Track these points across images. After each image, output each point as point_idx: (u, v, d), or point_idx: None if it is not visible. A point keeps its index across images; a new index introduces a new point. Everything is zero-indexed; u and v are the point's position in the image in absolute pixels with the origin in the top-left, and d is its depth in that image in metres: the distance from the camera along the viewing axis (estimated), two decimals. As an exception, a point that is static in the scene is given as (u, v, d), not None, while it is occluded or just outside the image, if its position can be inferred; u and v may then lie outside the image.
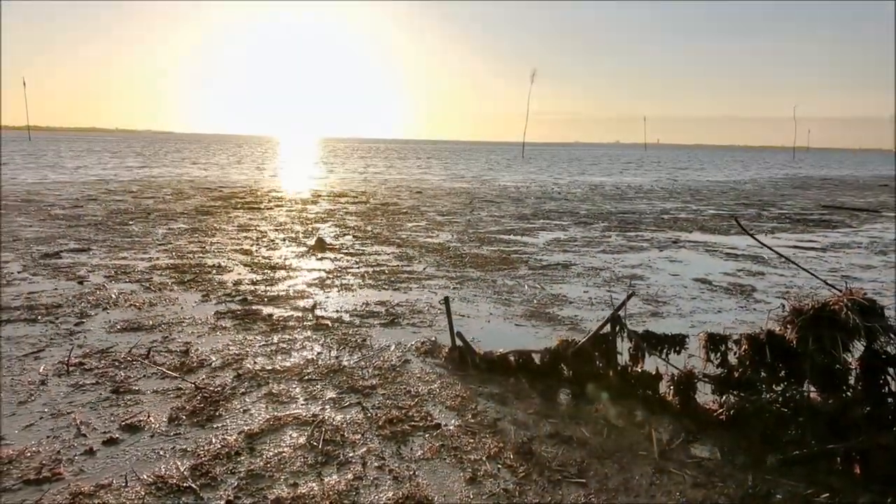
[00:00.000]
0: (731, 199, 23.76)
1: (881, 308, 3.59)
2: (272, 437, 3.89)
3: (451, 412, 4.28)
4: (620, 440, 3.97)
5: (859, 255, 11.45)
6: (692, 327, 6.44)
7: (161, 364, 5.08)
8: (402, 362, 5.20)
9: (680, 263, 10.23)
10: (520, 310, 7.08)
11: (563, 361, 4.69)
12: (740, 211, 19.67)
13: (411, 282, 8.40)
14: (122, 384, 4.70)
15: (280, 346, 5.63)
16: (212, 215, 14.84)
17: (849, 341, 3.58)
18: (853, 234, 14.55)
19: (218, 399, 4.41)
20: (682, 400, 4.23)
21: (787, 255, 9.97)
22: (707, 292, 8.07)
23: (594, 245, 11.89)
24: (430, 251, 10.76)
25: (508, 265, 9.66)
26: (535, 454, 3.75)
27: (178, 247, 10.58)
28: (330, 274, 8.76)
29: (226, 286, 7.86)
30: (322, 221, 14.30)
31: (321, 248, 10.63)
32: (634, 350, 4.42)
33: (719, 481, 3.51)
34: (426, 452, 3.74)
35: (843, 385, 3.66)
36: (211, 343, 5.67)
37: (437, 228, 13.65)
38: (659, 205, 20.90)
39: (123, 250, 10.14)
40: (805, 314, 3.66)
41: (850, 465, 3.50)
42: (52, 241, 10.78)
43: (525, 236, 12.80)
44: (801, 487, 3.43)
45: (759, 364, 3.90)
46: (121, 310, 6.71)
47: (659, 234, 13.74)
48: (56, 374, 4.88)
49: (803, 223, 16.49)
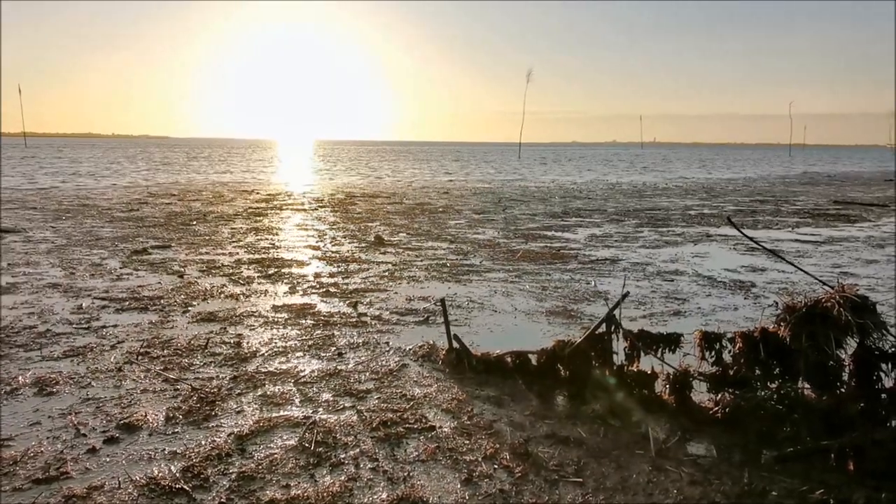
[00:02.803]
0: (745, 196, 24.18)
1: (873, 304, 3.60)
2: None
3: (447, 414, 4.28)
4: (617, 439, 3.97)
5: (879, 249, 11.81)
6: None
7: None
8: (400, 366, 5.20)
9: (714, 258, 10.63)
10: (587, 304, 7.40)
11: (560, 362, 4.70)
12: (757, 206, 20.08)
13: (472, 274, 9.02)
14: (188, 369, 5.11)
15: (316, 340, 5.89)
16: (265, 216, 15.58)
17: (842, 338, 3.59)
18: (872, 228, 14.89)
19: (215, 399, 4.43)
20: (678, 398, 4.23)
21: (782, 253, 9.99)
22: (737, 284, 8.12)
23: (631, 240, 12.45)
24: (482, 246, 11.40)
25: (560, 259, 10.23)
26: (531, 454, 3.75)
27: (251, 244, 11.34)
28: (396, 266, 9.45)
29: (307, 279, 8.55)
30: (370, 221, 14.93)
31: (381, 243, 11.41)
32: (630, 349, 4.43)
33: (716, 479, 3.52)
34: (421, 454, 3.74)
35: (836, 382, 3.68)
36: (260, 335, 6.05)
37: (479, 226, 14.36)
38: (679, 202, 21.36)
39: (202, 247, 10.93)
40: (798, 312, 3.67)
41: (844, 461, 3.50)
42: (132, 239, 11.61)
43: (565, 233, 13.43)
44: (796, 484, 3.43)
45: (753, 362, 3.91)
46: (219, 300, 7.34)
47: (689, 229, 14.24)
48: (127, 361, 5.26)
49: (823, 217, 16.88)
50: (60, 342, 5.72)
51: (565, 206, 19.42)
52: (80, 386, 4.72)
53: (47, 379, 4.81)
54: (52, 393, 4.59)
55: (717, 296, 7.84)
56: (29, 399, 4.49)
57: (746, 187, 29.66)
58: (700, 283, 8.55)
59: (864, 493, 3.30)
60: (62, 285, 7.91)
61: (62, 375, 4.90)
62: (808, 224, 15.48)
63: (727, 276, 9.06)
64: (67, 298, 7.28)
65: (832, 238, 13.00)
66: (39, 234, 12.09)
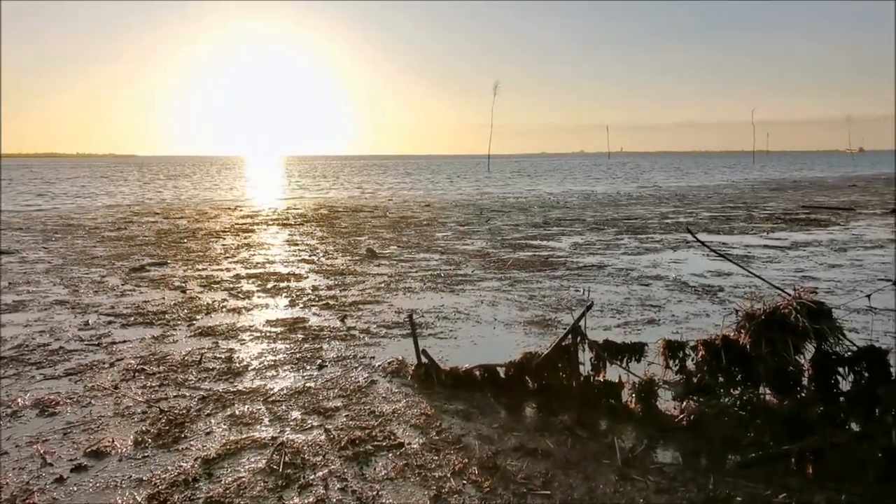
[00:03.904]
0: (717, 203, 24.66)
1: (829, 310, 3.67)
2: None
3: (416, 430, 4.28)
4: (585, 450, 4.00)
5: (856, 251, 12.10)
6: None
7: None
8: (369, 383, 5.19)
9: (692, 263, 10.89)
10: (568, 313, 7.47)
11: (528, 374, 4.72)
12: (730, 213, 20.48)
13: (466, 284, 9.24)
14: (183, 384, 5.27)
15: (304, 354, 6.01)
16: (253, 232, 15.78)
17: (800, 343, 3.66)
18: (841, 231, 15.27)
19: (182, 421, 4.38)
20: (644, 407, 4.28)
21: (744, 261, 10.16)
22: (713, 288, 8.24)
23: (613, 247, 12.78)
24: (472, 257, 11.67)
25: (549, 267, 10.51)
26: (500, 468, 3.76)
27: (246, 259, 11.54)
28: (392, 278, 9.67)
29: (305, 291, 8.72)
30: (358, 234, 15.11)
31: (373, 256, 11.64)
32: (596, 360, 4.47)
33: (681, 486, 3.56)
34: (390, 472, 3.74)
35: (796, 386, 3.74)
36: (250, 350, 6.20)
37: (466, 237, 14.62)
38: (654, 210, 21.79)
39: (198, 263, 11.07)
40: (757, 319, 3.73)
41: (804, 464, 3.56)
42: (127, 257, 11.74)
43: (550, 241, 13.75)
44: (759, 488, 3.49)
45: (716, 369, 3.96)
46: (222, 314, 7.53)
47: (667, 236, 14.59)
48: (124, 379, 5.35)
49: (795, 222, 17.27)
50: (72, 359, 5.88)
51: (545, 216, 19.73)
52: (81, 405, 4.81)
53: (47, 400, 4.88)
54: (54, 413, 4.65)
55: (689, 302, 7.95)
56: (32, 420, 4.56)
57: (717, 194, 30.30)
58: (673, 289, 8.67)
59: (825, 496, 3.36)
60: (69, 302, 8.08)
61: (61, 395, 4.97)
62: (782, 229, 15.82)
63: (699, 281, 9.21)
64: (75, 315, 7.48)
65: (797, 243, 13.23)
66: (33, 254, 12.11)
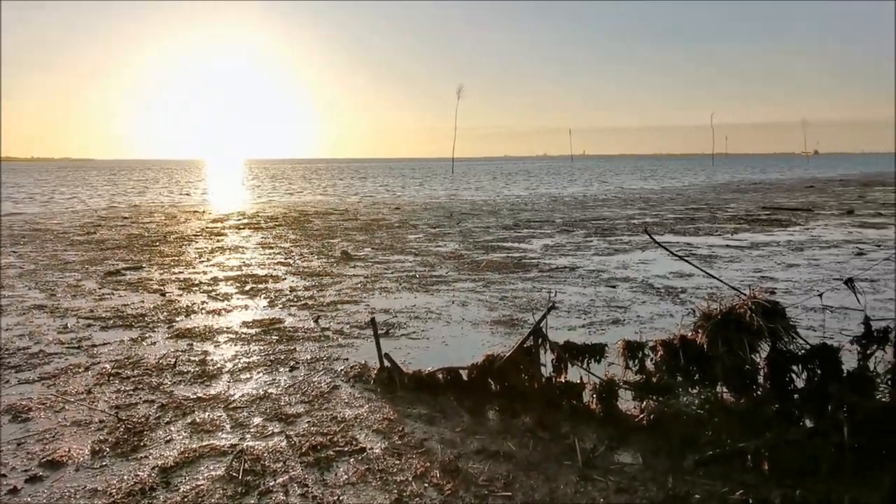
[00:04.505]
0: (680, 205, 25.08)
1: (783, 309, 3.74)
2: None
3: (378, 435, 4.26)
4: (546, 451, 4.02)
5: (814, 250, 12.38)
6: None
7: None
8: (331, 388, 5.15)
9: (660, 263, 11.12)
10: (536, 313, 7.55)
11: (491, 376, 4.73)
12: (694, 214, 20.85)
13: (441, 285, 9.35)
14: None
15: (278, 356, 6.05)
16: (225, 235, 15.71)
17: (755, 342, 3.72)
18: (801, 232, 15.64)
19: (142, 430, 4.30)
20: (604, 408, 4.31)
21: (694, 262, 10.32)
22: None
23: (584, 249, 12.96)
24: (446, 258, 11.77)
25: (521, 268, 10.62)
26: (461, 471, 3.76)
27: (221, 263, 11.53)
28: (368, 279, 9.80)
29: (283, 293, 8.83)
30: (330, 237, 15.14)
31: (348, 258, 11.76)
32: (557, 361, 4.49)
33: (641, 485, 3.59)
34: (351, 477, 3.71)
35: (753, 385, 3.80)
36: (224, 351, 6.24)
37: (438, 239, 14.70)
38: (621, 212, 22.09)
39: (174, 267, 11.06)
40: (714, 318, 3.79)
41: (760, 461, 3.62)
42: (101, 262, 11.60)
43: (521, 243, 13.88)
44: (717, 486, 3.53)
45: (674, 369, 4.01)
46: (200, 316, 7.59)
47: (635, 237, 14.79)
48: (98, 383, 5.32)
49: (758, 223, 17.67)
50: (51, 363, 5.86)
51: (515, 218, 19.90)
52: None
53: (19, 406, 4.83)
54: (27, 419, 4.61)
55: (652, 303, 8.05)
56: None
57: (680, 196, 30.82)
58: (637, 291, 8.77)
59: (781, 492, 3.41)
60: (47, 306, 8.04)
61: (33, 402, 4.91)
62: (745, 230, 16.17)
63: (663, 282, 9.35)
64: (54, 318, 7.47)
65: (757, 243, 13.50)
66: (4, 259, 11.92)
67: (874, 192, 32.30)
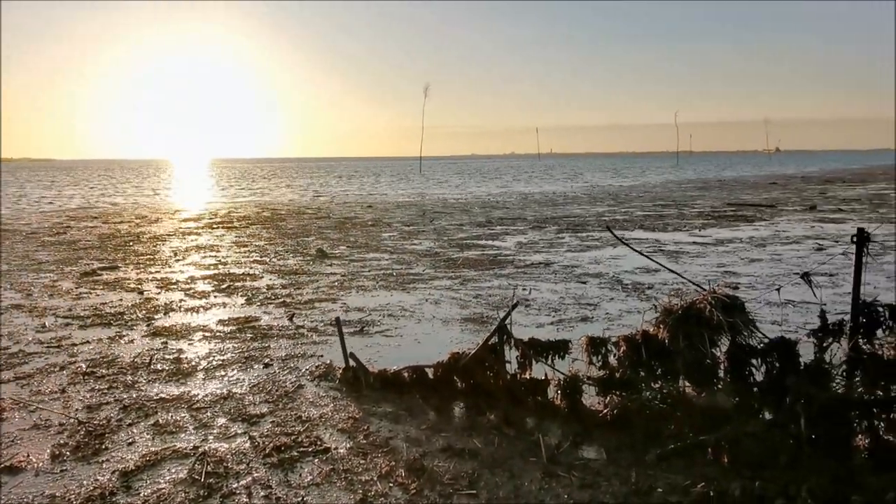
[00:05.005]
0: (649, 202, 25.40)
1: (742, 303, 3.80)
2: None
3: (343, 434, 4.24)
4: (511, 448, 4.03)
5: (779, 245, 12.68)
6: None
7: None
8: (296, 387, 5.11)
9: (631, 259, 11.18)
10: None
11: (456, 374, 4.73)
12: (662, 211, 21.12)
13: (418, 282, 9.38)
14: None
15: (252, 353, 6.06)
16: (199, 235, 15.61)
17: (715, 337, 3.77)
18: (766, 227, 15.99)
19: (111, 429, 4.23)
20: (569, 403, 4.34)
21: (660, 260, 10.44)
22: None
23: (556, 245, 13.10)
24: (422, 256, 11.82)
25: (497, 265, 10.72)
26: (427, 469, 3.76)
27: (197, 262, 11.46)
28: (345, 277, 9.84)
29: (261, 291, 8.86)
30: (305, 236, 15.13)
31: (324, 256, 11.77)
32: (522, 358, 4.51)
33: (605, 480, 3.62)
34: (316, 477, 3.69)
35: (713, 378, 3.85)
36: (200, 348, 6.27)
37: (412, 237, 14.77)
38: (591, 209, 22.34)
39: (150, 266, 11.01)
40: (675, 313, 3.83)
41: (720, 454, 3.67)
42: (75, 262, 11.46)
43: (495, 241, 14.00)
44: (679, 479, 3.57)
45: (637, 364, 4.05)
46: (179, 314, 7.62)
47: (606, 233, 14.96)
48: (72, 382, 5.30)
49: (724, 219, 18.00)
50: (30, 362, 5.83)
51: (487, 215, 20.02)
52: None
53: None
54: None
55: (620, 299, 8.14)
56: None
57: (648, 193, 31.25)
58: (605, 287, 8.87)
59: (741, 483, 3.46)
60: (25, 306, 7.99)
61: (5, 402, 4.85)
62: (713, 225, 16.44)
63: (632, 278, 9.45)
64: (33, 318, 7.43)
65: (722, 239, 13.72)
66: None
67: (834, 188, 33.02)
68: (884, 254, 11.33)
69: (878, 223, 16.42)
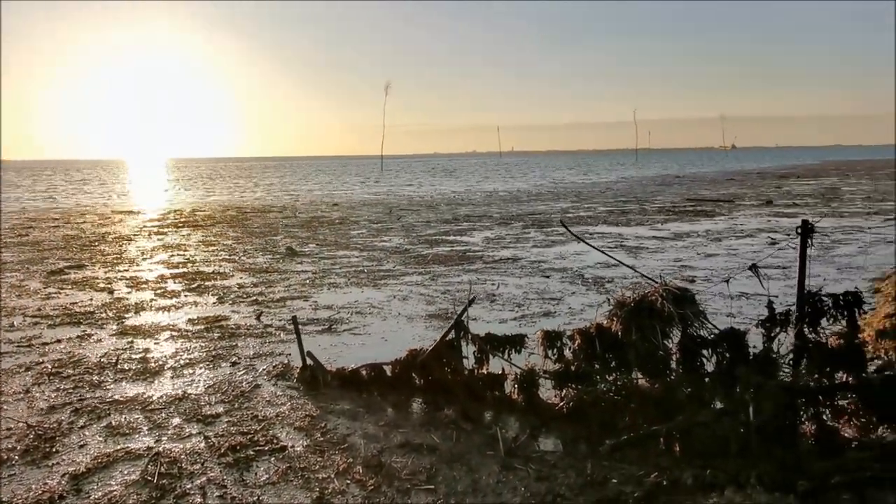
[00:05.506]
0: (611, 198, 25.75)
1: (692, 295, 3.87)
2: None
3: (300, 433, 4.21)
4: (469, 442, 4.05)
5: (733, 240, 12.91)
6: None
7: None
8: (253, 387, 5.06)
9: (594, 254, 11.14)
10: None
11: (414, 370, 4.74)
12: (624, 206, 21.41)
13: (389, 278, 9.45)
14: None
15: (220, 351, 6.06)
16: (165, 234, 15.42)
17: (667, 328, 3.83)
18: (725, 221, 16.37)
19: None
20: (526, 397, 4.38)
21: (618, 256, 10.57)
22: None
23: (523, 241, 13.25)
24: (392, 252, 11.88)
25: (466, 261, 10.81)
26: (384, 466, 3.76)
27: (166, 260, 11.36)
28: (316, 274, 9.83)
29: (232, 289, 8.82)
30: (273, 234, 15.06)
31: (294, 254, 11.76)
32: (479, 353, 4.53)
33: (561, 472, 3.66)
34: (272, 476, 3.66)
35: (666, 370, 3.91)
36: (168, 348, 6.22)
37: (381, 234, 14.82)
38: (555, 205, 22.58)
39: (118, 265, 10.88)
40: (627, 306, 3.88)
41: (672, 444, 3.73)
42: (40, 262, 11.28)
43: (463, 237, 14.13)
44: (634, 469, 3.63)
45: (592, 357, 4.09)
46: (150, 313, 7.57)
47: (571, 228, 15.14)
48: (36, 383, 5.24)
49: (685, 214, 18.38)
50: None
51: (454, 213, 20.11)
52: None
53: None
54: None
55: (581, 293, 8.24)
56: None
57: (609, 190, 31.70)
58: (565, 281, 8.98)
59: (692, 472, 3.52)
60: None
61: None
62: (673, 220, 16.75)
63: (594, 273, 9.56)
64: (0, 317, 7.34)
65: (681, 234, 13.97)
66: None
67: (789, 184, 33.80)
68: (834, 247, 11.64)
69: (830, 216, 16.87)
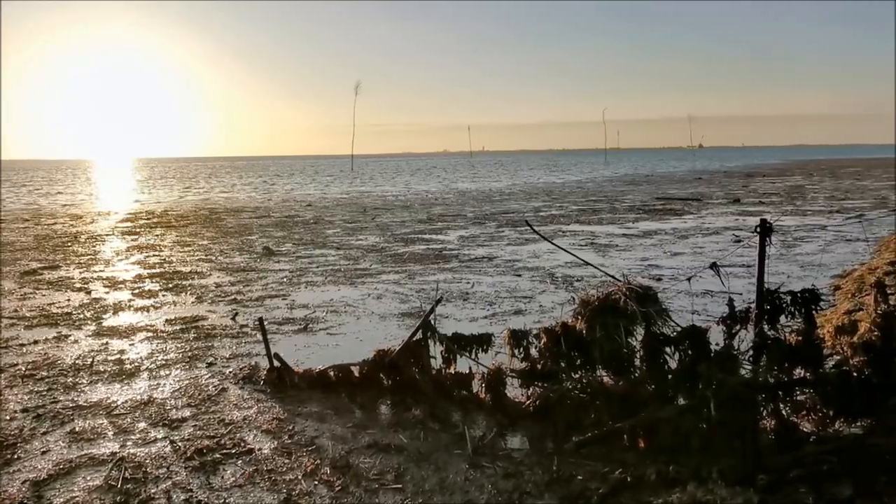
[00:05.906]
0: (581, 197, 26.03)
1: (655, 294, 3.93)
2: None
3: (267, 435, 4.19)
4: (437, 442, 4.07)
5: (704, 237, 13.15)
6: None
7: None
8: (219, 390, 5.03)
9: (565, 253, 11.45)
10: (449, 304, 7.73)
11: (382, 371, 4.74)
12: (595, 205, 21.65)
13: (366, 277, 9.50)
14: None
15: (195, 352, 6.03)
16: (139, 234, 15.27)
17: (631, 326, 3.88)
18: (693, 219, 16.68)
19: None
20: (493, 396, 4.41)
21: (582, 256, 10.68)
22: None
23: (497, 239, 13.37)
24: (368, 251, 11.93)
25: (442, 259, 10.88)
26: (352, 466, 3.76)
27: (142, 261, 11.30)
28: (294, 273, 9.86)
29: (209, 288, 8.83)
30: (248, 234, 15.01)
31: (270, 253, 11.76)
32: (446, 353, 4.55)
33: (528, 469, 3.69)
34: (239, 479, 3.64)
35: (630, 367, 3.97)
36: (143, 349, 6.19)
37: (356, 233, 14.85)
38: (527, 204, 22.80)
39: (93, 265, 10.80)
40: (591, 305, 3.93)
41: (636, 440, 3.79)
42: (13, 262, 11.15)
43: (438, 235, 14.21)
44: (599, 466, 3.68)
45: (557, 355, 4.13)
46: (128, 313, 7.56)
47: (543, 227, 15.40)
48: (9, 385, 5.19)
49: (654, 212, 18.64)
50: None
51: (428, 212, 20.17)
52: None
53: None
54: None
55: (551, 291, 8.33)
56: None
57: (580, 189, 32.05)
58: (535, 280, 9.06)
59: (656, 468, 3.58)
60: None
61: None
62: (643, 219, 16.97)
63: (564, 272, 9.63)
64: None
65: (649, 232, 14.15)
66: None
67: (756, 183, 34.37)
68: (796, 245, 11.87)
69: (794, 214, 17.20)
